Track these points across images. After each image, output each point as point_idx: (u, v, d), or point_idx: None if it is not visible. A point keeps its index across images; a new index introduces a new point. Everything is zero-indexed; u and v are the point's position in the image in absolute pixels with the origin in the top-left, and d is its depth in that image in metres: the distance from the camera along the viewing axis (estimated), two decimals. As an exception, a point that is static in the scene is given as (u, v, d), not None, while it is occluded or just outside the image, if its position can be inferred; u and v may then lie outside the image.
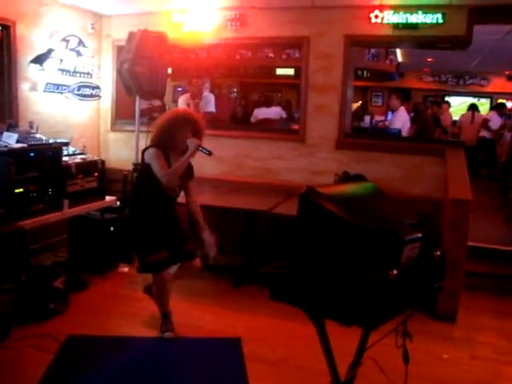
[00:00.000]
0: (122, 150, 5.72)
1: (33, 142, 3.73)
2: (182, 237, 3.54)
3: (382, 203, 2.11)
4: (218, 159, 5.37)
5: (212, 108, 6.45)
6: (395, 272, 1.74)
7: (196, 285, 4.39)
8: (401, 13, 4.67)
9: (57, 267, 4.16)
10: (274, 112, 7.54)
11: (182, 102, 6.53)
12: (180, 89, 9.87)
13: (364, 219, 1.82)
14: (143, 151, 3.37)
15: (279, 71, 10.02)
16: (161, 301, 3.50)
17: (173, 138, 3.34)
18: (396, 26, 4.70)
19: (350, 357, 2.19)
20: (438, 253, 2.04)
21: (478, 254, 4.45)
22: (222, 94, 9.69)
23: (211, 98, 6.55)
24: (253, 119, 7.60)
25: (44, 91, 4.94)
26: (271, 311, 3.77)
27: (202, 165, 5.31)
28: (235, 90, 10.95)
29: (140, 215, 3.45)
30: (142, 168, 3.41)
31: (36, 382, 2.84)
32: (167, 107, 6.60)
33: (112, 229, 4.70)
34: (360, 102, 10.13)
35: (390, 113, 9.85)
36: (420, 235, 1.91)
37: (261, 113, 7.54)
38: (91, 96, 5.56)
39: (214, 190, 4.94)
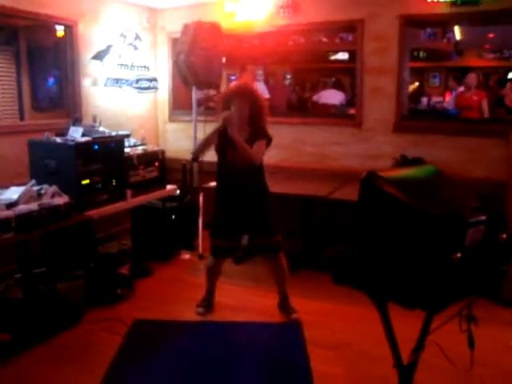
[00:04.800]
0: (180, 140, 5.85)
1: (97, 135, 3.88)
2: (261, 227, 3.54)
3: (444, 186, 2.08)
4: (275, 146, 5.38)
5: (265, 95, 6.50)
6: (459, 255, 1.72)
7: (254, 269, 4.47)
8: (459, -12, 4.50)
9: (122, 255, 4.34)
10: (337, 97, 7.47)
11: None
12: (234, 77, 9.93)
13: (426, 203, 1.80)
14: None
15: (333, 56, 9.88)
16: (207, 277, 3.78)
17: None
18: (454, 2, 4.54)
19: (413, 342, 2.18)
20: (504, 235, 1.99)
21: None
22: (276, 82, 9.66)
23: (262, 86, 6.61)
24: (315, 98, 7.58)
25: (105, 85, 5.13)
26: (330, 296, 3.81)
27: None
28: (289, 76, 10.88)
29: (215, 196, 3.64)
30: None
31: (106, 363, 3.01)
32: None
33: (173, 217, 4.84)
34: (416, 83, 9.84)
35: (449, 94, 9.53)
36: (484, 218, 1.87)
37: (325, 96, 7.47)
38: (149, 88, 5.71)
39: (271, 176, 4.95)
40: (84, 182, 3.72)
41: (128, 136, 4.46)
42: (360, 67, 5.00)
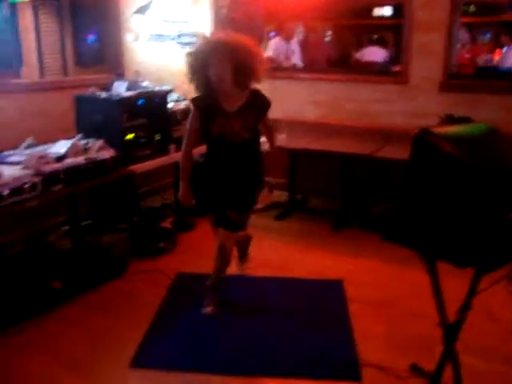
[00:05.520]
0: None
1: (141, 90, 3.90)
2: (238, 203, 3.01)
3: (499, 143, 2.01)
4: (315, 103, 5.34)
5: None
6: (516, 214, 1.68)
7: (296, 226, 4.50)
8: None
9: (165, 209, 4.41)
10: (380, 55, 7.29)
11: (273, 47, 6.46)
12: (273, 33, 9.73)
13: (482, 160, 1.75)
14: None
15: (376, 12, 9.55)
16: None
17: (206, 75, 2.74)
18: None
19: (458, 303, 2.17)
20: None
21: None
22: (316, 39, 9.43)
23: (295, 45, 6.57)
24: (358, 55, 7.42)
25: (147, 41, 5.10)
26: (371, 254, 3.83)
27: (300, 109, 5.35)
28: (330, 33, 10.59)
29: (206, 166, 3.12)
30: None
31: (151, 312, 3.12)
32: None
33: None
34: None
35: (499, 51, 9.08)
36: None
37: (368, 53, 7.32)
38: (191, 43, 5.63)
39: (311, 133, 4.93)
40: (128, 137, 3.77)
41: (171, 91, 4.47)
42: (407, 23, 4.81)
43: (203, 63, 2.73)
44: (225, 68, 2.69)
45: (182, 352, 2.78)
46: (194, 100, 2.91)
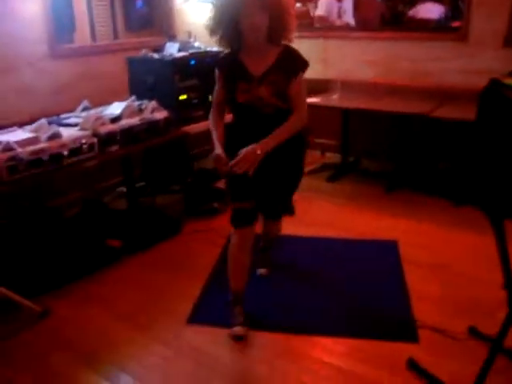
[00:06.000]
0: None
1: (192, 51, 3.88)
2: (278, 191, 2.62)
3: None
4: (368, 62, 5.18)
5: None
6: None
7: (348, 188, 4.45)
8: None
9: (217, 170, 4.44)
10: (437, 10, 6.96)
11: (324, 6, 6.25)
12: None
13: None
14: None
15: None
16: (229, 270, 2.62)
17: (235, 27, 2.33)
18: None
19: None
20: None
21: None
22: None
23: (349, 3, 6.34)
24: (412, 12, 7.13)
25: (197, 1, 5.05)
26: (426, 217, 3.75)
27: (352, 68, 5.20)
28: (381, -11, 10.18)
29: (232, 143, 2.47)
30: None
31: (206, 270, 3.19)
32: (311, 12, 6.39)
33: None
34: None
35: None
36: None
37: (423, 10, 7.00)
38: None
39: (365, 93, 4.80)
40: (181, 98, 3.77)
41: (222, 52, 4.42)
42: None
43: (233, 13, 2.28)
44: (262, 16, 2.25)
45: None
46: (217, 60, 2.57)
